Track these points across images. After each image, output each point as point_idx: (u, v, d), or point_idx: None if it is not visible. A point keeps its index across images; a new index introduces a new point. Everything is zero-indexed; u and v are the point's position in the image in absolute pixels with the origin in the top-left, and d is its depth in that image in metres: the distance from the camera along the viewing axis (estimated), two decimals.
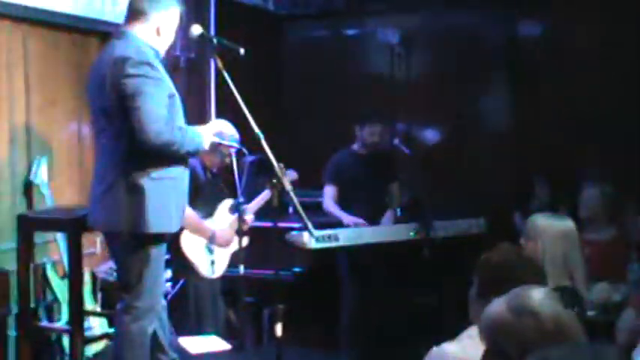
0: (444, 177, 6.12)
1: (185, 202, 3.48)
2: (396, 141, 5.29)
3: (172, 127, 3.20)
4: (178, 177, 3.33)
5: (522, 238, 3.20)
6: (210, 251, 4.45)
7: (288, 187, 3.35)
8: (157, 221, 3.25)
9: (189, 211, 3.93)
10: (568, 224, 3.23)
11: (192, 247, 4.31)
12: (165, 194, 3.27)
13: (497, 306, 1.90)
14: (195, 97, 5.70)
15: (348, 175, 5.20)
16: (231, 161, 4.37)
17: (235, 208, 4.37)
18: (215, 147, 4.15)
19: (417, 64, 6.66)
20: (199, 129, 3.41)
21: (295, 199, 3.37)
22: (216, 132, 3.81)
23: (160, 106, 3.16)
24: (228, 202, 4.57)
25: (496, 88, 6.53)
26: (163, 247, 3.41)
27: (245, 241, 4.31)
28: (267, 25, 6.93)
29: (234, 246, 4.49)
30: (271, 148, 3.36)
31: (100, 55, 3.43)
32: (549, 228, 3.17)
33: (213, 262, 4.47)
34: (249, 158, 4.58)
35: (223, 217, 4.54)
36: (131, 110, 3.16)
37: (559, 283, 3.01)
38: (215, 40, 3.46)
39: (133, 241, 3.34)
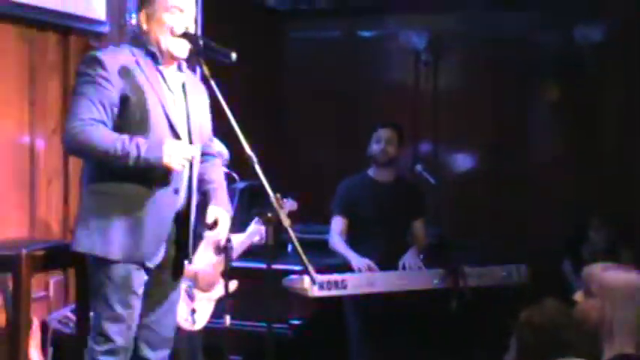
0: (477, 213, 6.11)
1: (157, 230, 3.44)
2: (419, 167, 5.27)
3: (95, 129, 3.26)
4: (131, 196, 3.36)
5: (578, 294, 3.16)
6: (190, 297, 4.44)
7: (286, 222, 3.34)
8: (88, 240, 3.36)
9: None
10: (638, 279, 3.20)
11: None
12: (107, 211, 3.35)
13: None
14: None
15: (362, 205, 5.20)
16: None
17: (221, 248, 4.36)
18: None
19: (447, 74, 6.70)
20: (169, 141, 3.40)
21: (294, 237, 3.36)
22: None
23: (83, 106, 3.27)
24: (210, 239, 4.55)
25: (545, 105, 6.54)
26: (119, 280, 3.38)
27: (232, 285, 4.30)
28: (265, 23, 6.97)
29: (218, 292, 4.48)
30: (267, 173, 3.36)
31: None
32: (620, 284, 3.13)
33: (193, 311, 4.46)
34: (240, 184, 4.58)
35: (206, 256, 4.53)
36: None
37: (621, 351, 2.97)
38: (201, 42, 3.45)
39: (82, 263, 3.53)
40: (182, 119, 3.48)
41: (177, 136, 3.45)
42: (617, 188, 5.93)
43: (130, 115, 3.33)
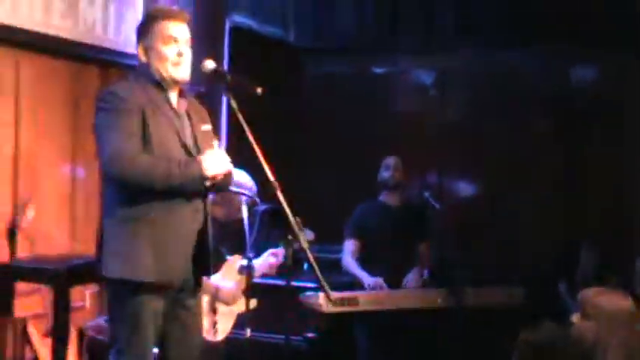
0: (478, 236, 6.09)
1: (179, 249, 3.34)
2: (426, 193, 5.27)
3: (132, 154, 3.19)
4: (157, 221, 3.25)
5: (575, 316, 3.16)
6: (213, 311, 4.44)
7: (305, 245, 3.33)
8: (116, 265, 3.24)
9: None
10: (631, 305, 3.20)
11: None
12: (132, 236, 3.23)
13: None
14: None
15: (373, 229, 5.20)
16: (241, 212, 4.37)
17: (244, 270, 4.38)
18: (223, 196, 4.17)
19: (452, 108, 6.70)
20: (198, 158, 3.32)
21: (312, 258, 3.34)
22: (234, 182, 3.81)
23: (118, 138, 3.19)
24: (236, 259, 4.56)
25: (542, 138, 6.53)
26: (144, 301, 3.28)
27: (253, 303, 4.30)
28: (286, 59, 7.00)
29: (240, 307, 4.48)
30: (286, 197, 3.34)
31: None
32: (613, 307, 3.13)
33: (215, 324, 4.45)
34: (261, 207, 4.58)
35: (230, 274, 4.53)
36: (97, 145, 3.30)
37: None
38: (229, 78, 3.44)
39: (109, 290, 3.36)
40: (192, 144, 3.38)
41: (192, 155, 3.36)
42: (606, 216, 5.90)
43: (149, 143, 3.24)
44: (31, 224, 4.39)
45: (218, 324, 4.45)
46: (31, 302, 4.37)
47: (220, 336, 4.47)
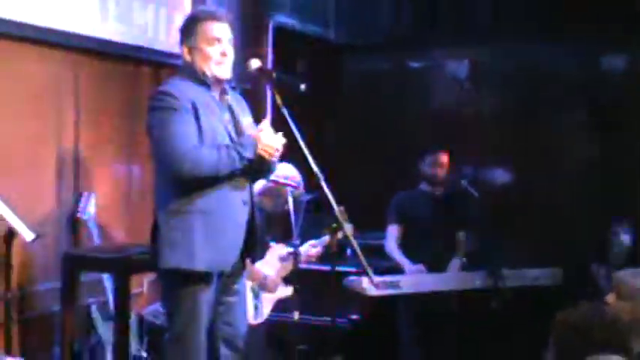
0: (515, 222, 6.04)
1: (230, 239, 3.36)
2: (464, 182, 5.25)
3: (195, 149, 3.20)
4: (208, 212, 3.27)
5: (610, 296, 3.13)
6: (256, 295, 4.47)
7: (349, 232, 3.33)
8: (172, 256, 3.25)
9: None
10: None
11: None
12: (187, 228, 3.25)
13: None
14: None
15: (415, 215, 5.20)
16: (287, 202, 4.39)
17: (285, 258, 4.41)
18: (270, 188, 4.21)
19: (486, 100, 6.65)
20: (260, 135, 3.31)
21: (356, 245, 3.35)
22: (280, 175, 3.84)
23: (178, 134, 3.20)
24: (278, 247, 4.59)
25: (575, 126, 6.45)
26: (200, 289, 3.30)
27: (289, 291, 4.34)
28: (326, 55, 7.00)
29: (279, 293, 4.52)
30: (329, 187, 3.34)
31: None
32: None
33: (256, 307, 4.48)
34: (306, 197, 4.60)
35: (271, 262, 4.56)
36: (152, 143, 3.33)
37: None
38: (274, 75, 3.44)
39: (165, 281, 3.40)
40: (237, 137, 3.38)
41: None
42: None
43: (201, 138, 3.25)
44: (92, 217, 4.44)
45: (258, 309, 4.49)
46: (94, 289, 4.41)
47: (260, 319, 4.50)
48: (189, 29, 3.38)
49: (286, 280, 4.50)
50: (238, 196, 3.35)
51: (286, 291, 4.53)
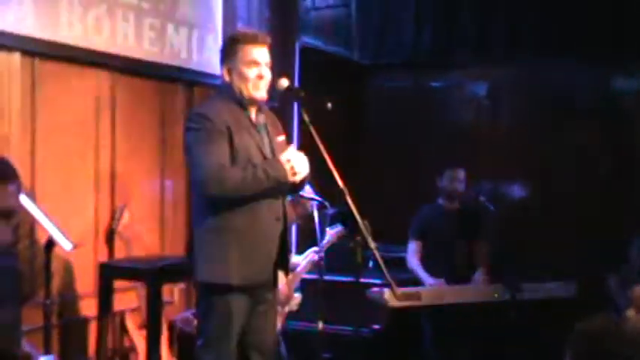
0: (531, 235, 6.03)
1: (262, 254, 3.37)
2: (482, 198, 5.26)
3: (222, 168, 3.22)
4: (243, 229, 3.30)
5: (630, 310, 3.11)
6: None
7: (372, 245, 3.35)
8: (209, 271, 3.30)
9: None
10: None
11: None
12: (222, 245, 3.28)
13: None
14: None
15: (435, 230, 5.23)
16: (312, 214, 4.42)
17: (294, 268, 4.43)
18: (297, 200, 4.24)
19: (504, 117, 6.66)
20: (284, 155, 3.32)
21: (379, 257, 3.36)
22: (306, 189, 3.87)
23: (210, 155, 3.22)
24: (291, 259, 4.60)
25: (589, 143, 6.44)
26: (233, 300, 3.33)
27: (297, 299, 4.37)
28: (350, 75, 7.04)
29: (292, 305, 4.54)
30: (354, 202, 3.36)
31: None
32: None
33: None
34: (330, 210, 4.62)
35: (282, 276, 4.57)
36: (188, 162, 3.38)
37: None
38: (302, 93, 3.45)
39: (200, 290, 3.43)
40: (271, 155, 3.40)
41: None
42: None
43: (235, 158, 3.27)
44: (126, 229, 4.49)
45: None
46: (127, 298, 4.48)
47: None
48: (230, 51, 3.40)
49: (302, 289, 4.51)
50: (272, 213, 3.38)
51: (297, 300, 4.54)
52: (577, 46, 6.19)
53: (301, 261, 4.65)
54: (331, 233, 4.59)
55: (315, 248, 4.55)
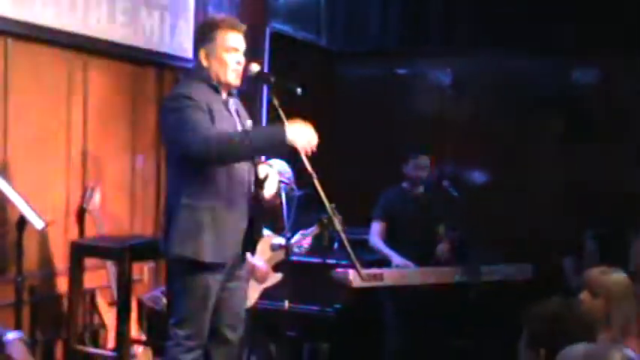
0: (491, 219, 6.10)
1: (233, 234, 3.41)
2: (445, 182, 5.31)
3: (217, 134, 3.22)
4: (217, 208, 3.31)
5: (584, 293, 3.16)
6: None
7: (339, 227, 3.37)
8: (182, 246, 3.30)
9: None
10: (629, 281, 3.22)
11: None
12: (196, 222, 3.29)
13: None
14: None
15: (398, 212, 5.26)
16: (280, 197, 4.42)
17: (276, 247, 4.43)
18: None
19: (467, 105, 6.72)
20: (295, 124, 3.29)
21: (345, 239, 3.38)
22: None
23: (196, 124, 3.21)
24: (271, 238, 4.60)
25: (548, 131, 6.53)
26: (207, 277, 3.35)
27: (278, 277, 4.37)
28: (319, 61, 7.04)
29: (269, 281, 4.55)
30: (321, 185, 3.36)
31: None
32: (618, 284, 3.14)
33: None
34: (298, 193, 4.63)
35: (262, 253, 4.58)
36: (168, 141, 3.41)
37: (613, 339, 2.98)
38: (272, 79, 3.47)
39: (174, 268, 3.44)
40: None
41: None
42: (609, 202, 5.89)
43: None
44: (97, 208, 4.46)
45: (248, 294, 4.52)
46: (98, 276, 4.44)
47: (249, 303, 4.52)
48: (209, 35, 3.39)
49: (275, 269, 4.51)
50: (243, 195, 3.41)
51: (275, 278, 4.55)
52: (539, 37, 6.26)
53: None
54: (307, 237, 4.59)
55: (302, 231, 4.55)
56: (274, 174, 3.67)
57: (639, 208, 5.51)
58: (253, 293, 4.54)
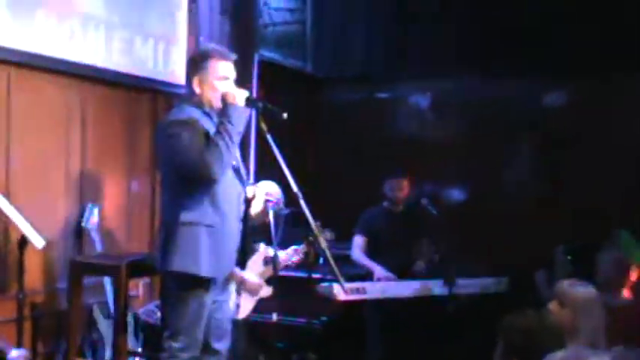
0: (468, 235, 6.18)
1: (227, 250, 3.48)
2: (424, 201, 5.39)
3: (203, 151, 3.29)
4: (213, 225, 3.39)
5: (553, 304, 3.24)
6: (238, 294, 4.54)
7: (324, 244, 3.45)
8: (181, 261, 3.35)
9: None
10: (595, 292, 3.30)
11: None
12: (194, 238, 3.36)
13: None
14: None
15: (379, 228, 5.35)
16: (268, 214, 4.48)
17: (269, 261, 4.48)
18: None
19: (446, 128, 6.82)
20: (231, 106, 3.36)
21: (330, 256, 3.45)
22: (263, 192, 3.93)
23: (186, 144, 3.28)
24: (262, 253, 4.65)
25: (522, 152, 6.63)
26: (202, 292, 3.41)
27: (269, 291, 4.43)
28: (305, 86, 7.14)
29: (262, 294, 4.60)
30: (307, 204, 3.43)
31: None
32: (585, 296, 3.23)
33: (238, 306, 4.55)
34: (285, 211, 4.70)
35: (255, 266, 4.64)
36: (166, 162, 3.44)
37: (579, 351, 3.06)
38: (260, 104, 3.54)
39: (170, 282, 3.48)
40: (236, 162, 3.52)
41: (239, 175, 3.53)
42: (581, 220, 5.98)
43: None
44: (95, 227, 4.52)
45: (240, 306, 4.56)
46: (96, 291, 4.50)
47: (241, 316, 4.58)
48: (202, 64, 3.47)
49: (267, 282, 4.57)
50: (235, 214, 3.50)
51: (267, 291, 4.61)
52: (514, 63, 6.37)
53: (282, 256, 4.70)
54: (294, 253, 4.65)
55: (294, 247, 4.61)
56: (260, 194, 3.76)
57: (608, 224, 5.60)
58: (247, 305, 4.60)
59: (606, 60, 6.06)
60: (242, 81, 5.51)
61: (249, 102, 3.53)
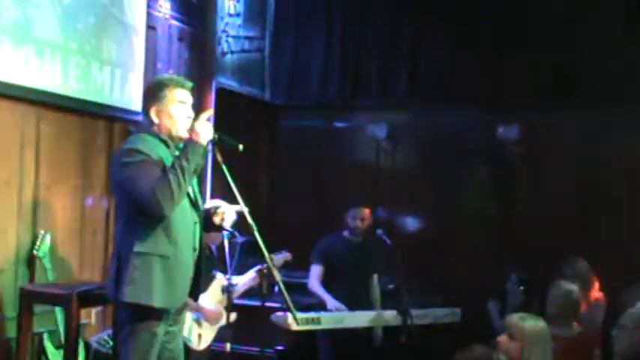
0: (422, 266, 6.23)
1: (181, 281, 3.44)
2: (379, 231, 5.42)
3: (161, 185, 3.25)
4: (168, 256, 3.35)
5: (503, 337, 3.29)
6: (199, 324, 4.52)
7: (278, 277, 3.45)
8: (134, 292, 3.30)
9: None
10: (545, 325, 3.36)
11: None
12: (148, 269, 3.31)
13: None
14: None
15: (334, 257, 5.35)
16: (223, 242, 4.48)
17: (226, 289, 4.46)
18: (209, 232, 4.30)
19: (400, 158, 6.90)
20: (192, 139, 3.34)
21: (283, 288, 3.45)
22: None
23: (146, 183, 3.25)
24: (220, 281, 4.64)
25: (476, 183, 6.74)
26: (155, 323, 3.37)
27: (232, 317, 4.40)
28: (262, 114, 7.16)
29: (221, 322, 4.57)
30: (263, 232, 3.43)
31: None
32: (534, 330, 3.28)
33: (200, 336, 4.53)
34: (241, 239, 4.69)
35: (214, 295, 4.63)
36: (121, 193, 3.39)
37: None
38: (217, 136, 3.52)
39: (122, 313, 3.42)
40: (193, 190, 3.50)
41: (195, 204, 3.49)
42: (534, 250, 6.07)
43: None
44: (47, 254, 4.45)
45: (202, 336, 4.54)
46: (46, 320, 4.42)
47: (203, 346, 4.55)
48: (158, 94, 3.46)
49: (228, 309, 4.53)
50: (190, 244, 3.46)
51: (232, 317, 4.57)
52: (467, 96, 6.48)
53: (240, 282, 4.67)
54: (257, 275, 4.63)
55: (254, 270, 4.60)
56: (225, 204, 3.72)
57: (560, 255, 5.70)
58: (208, 335, 4.57)
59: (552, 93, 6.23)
60: (200, 108, 5.56)
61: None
